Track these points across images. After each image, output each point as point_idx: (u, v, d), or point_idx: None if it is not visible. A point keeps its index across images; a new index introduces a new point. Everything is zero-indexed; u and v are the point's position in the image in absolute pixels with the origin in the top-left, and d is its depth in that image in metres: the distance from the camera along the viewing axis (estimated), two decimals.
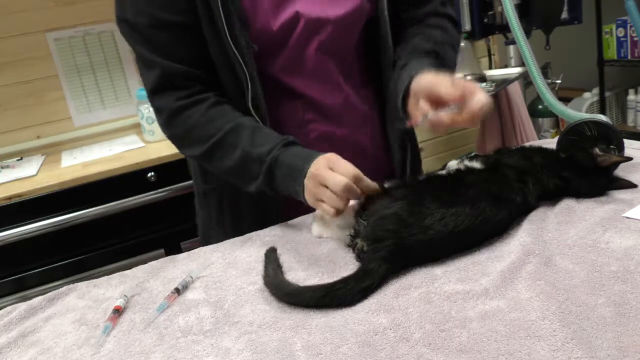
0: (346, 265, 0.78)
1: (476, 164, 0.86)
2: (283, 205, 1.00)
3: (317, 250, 0.84)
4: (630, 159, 0.86)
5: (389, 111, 1.03)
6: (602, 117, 0.93)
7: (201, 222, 1.16)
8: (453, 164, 0.90)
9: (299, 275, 0.78)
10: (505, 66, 2.58)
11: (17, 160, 2.18)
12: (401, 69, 0.91)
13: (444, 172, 0.87)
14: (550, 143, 1.01)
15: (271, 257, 0.81)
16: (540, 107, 2.79)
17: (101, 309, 0.78)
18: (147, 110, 2.13)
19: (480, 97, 0.75)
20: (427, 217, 0.74)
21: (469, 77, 2.29)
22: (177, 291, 0.78)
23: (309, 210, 0.92)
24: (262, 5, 0.91)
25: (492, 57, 2.73)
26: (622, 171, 0.90)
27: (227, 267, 0.84)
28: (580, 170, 0.86)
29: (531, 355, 0.54)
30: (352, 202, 0.81)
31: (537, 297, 0.63)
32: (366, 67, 1.04)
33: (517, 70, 2.45)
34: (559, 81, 2.28)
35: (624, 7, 1.20)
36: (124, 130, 2.37)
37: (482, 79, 2.30)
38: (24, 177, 1.91)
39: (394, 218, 0.75)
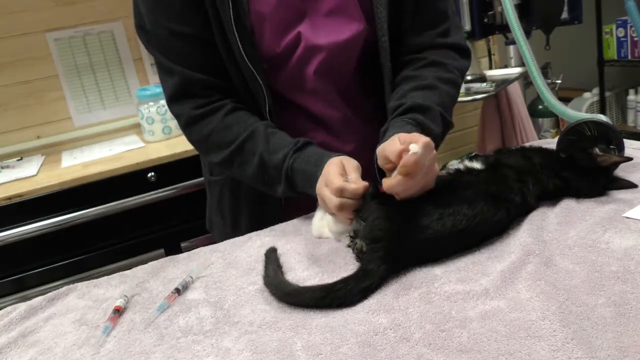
0: (346, 265, 0.78)
1: (476, 164, 0.86)
2: (283, 205, 1.01)
3: (317, 250, 0.84)
4: (630, 159, 0.86)
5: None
6: (602, 117, 0.93)
7: (208, 208, 1.20)
8: (453, 164, 0.90)
9: (299, 275, 0.78)
10: (505, 66, 2.58)
11: (17, 160, 2.18)
12: (382, 137, 0.89)
13: (443, 172, 0.87)
14: (550, 143, 1.01)
15: (271, 257, 0.81)
16: (540, 107, 2.80)
17: (101, 309, 0.78)
18: (147, 110, 2.13)
19: (412, 147, 0.70)
20: (425, 217, 0.74)
21: (468, 77, 2.29)
22: (177, 291, 0.78)
23: (309, 210, 0.92)
24: (268, 26, 0.92)
25: (492, 57, 2.73)
26: (622, 171, 0.90)
27: (227, 267, 0.84)
28: (580, 170, 0.85)
29: (531, 355, 0.54)
30: None
31: (537, 297, 0.63)
32: (365, 88, 1.04)
33: (517, 70, 2.45)
34: (559, 81, 2.28)
35: (624, 7, 1.20)
36: (124, 130, 2.37)
37: (482, 79, 2.30)
38: (24, 177, 1.91)
39: (391, 218, 0.75)
